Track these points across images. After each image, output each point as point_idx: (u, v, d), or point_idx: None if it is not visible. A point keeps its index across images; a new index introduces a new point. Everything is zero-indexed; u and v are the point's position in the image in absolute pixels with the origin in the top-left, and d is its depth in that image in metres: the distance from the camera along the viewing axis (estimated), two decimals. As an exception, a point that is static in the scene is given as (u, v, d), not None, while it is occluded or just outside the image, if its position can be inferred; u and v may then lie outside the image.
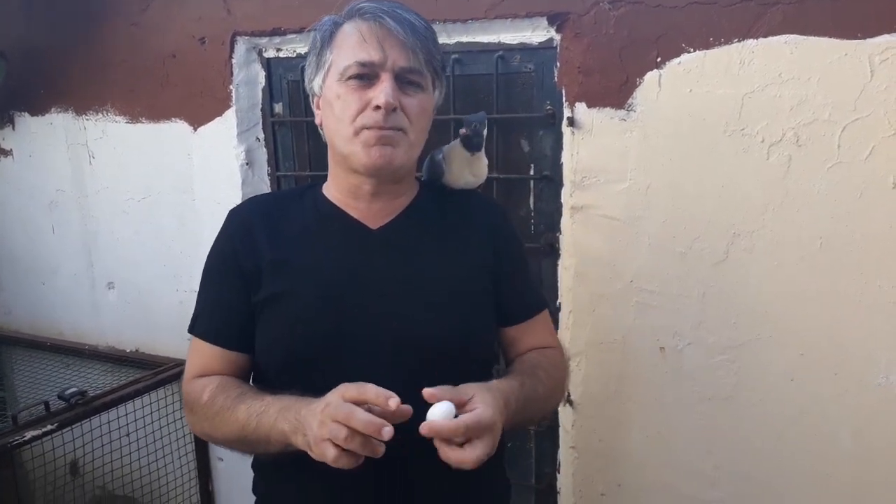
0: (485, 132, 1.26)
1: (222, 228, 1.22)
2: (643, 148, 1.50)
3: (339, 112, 1.09)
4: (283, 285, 1.12)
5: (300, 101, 1.91)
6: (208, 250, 1.99)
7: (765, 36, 1.36)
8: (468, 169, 1.27)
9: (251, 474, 2.12)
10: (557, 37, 1.55)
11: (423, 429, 0.93)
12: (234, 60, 1.90)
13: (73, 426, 1.85)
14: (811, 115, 1.35)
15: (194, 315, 1.22)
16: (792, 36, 1.34)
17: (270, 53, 1.91)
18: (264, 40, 1.88)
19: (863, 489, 1.46)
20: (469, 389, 0.99)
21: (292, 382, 1.10)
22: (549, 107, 1.61)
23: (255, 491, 1.27)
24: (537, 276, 1.71)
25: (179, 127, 2.02)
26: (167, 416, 2.13)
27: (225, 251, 1.19)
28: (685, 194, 1.48)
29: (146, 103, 2.05)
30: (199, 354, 1.19)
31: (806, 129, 1.36)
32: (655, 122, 1.48)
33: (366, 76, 1.08)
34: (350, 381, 1.05)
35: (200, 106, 1.97)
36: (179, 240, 2.11)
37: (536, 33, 1.58)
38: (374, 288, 1.12)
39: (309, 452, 0.96)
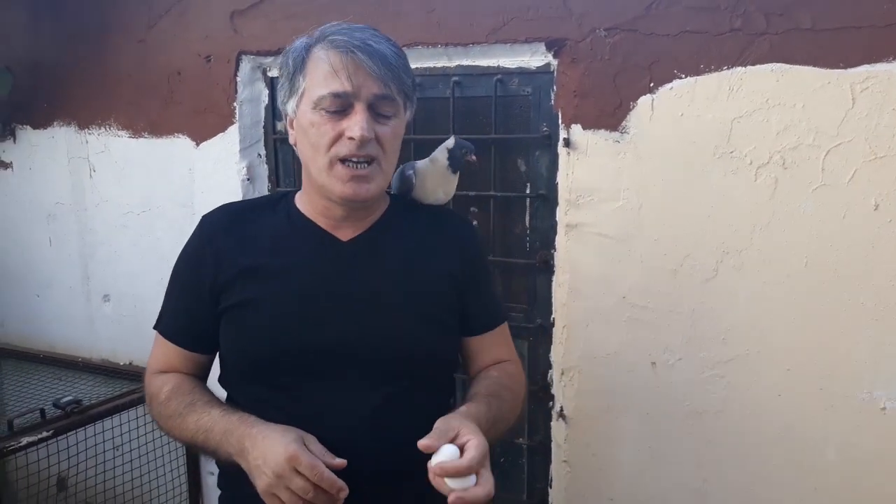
0: None
1: (194, 233, 1.26)
2: (636, 169, 1.56)
3: (314, 140, 1.12)
4: (250, 293, 1.16)
5: (302, 120, 1.95)
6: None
7: (753, 64, 1.43)
8: (442, 187, 1.34)
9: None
10: (555, 62, 1.61)
11: (437, 471, 0.96)
12: (238, 78, 1.95)
13: (68, 434, 1.86)
14: (796, 139, 1.42)
15: (160, 312, 1.29)
16: (778, 64, 1.41)
17: (274, 73, 1.96)
18: (269, 60, 1.93)
19: (848, 501, 1.50)
20: (452, 423, 1.03)
21: (255, 387, 1.17)
22: (545, 128, 1.67)
23: (219, 485, 1.30)
24: (532, 291, 1.76)
25: (182, 142, 2.06)
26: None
27: (193, 257, 1.23)
28: (676, 214, 1.54)
29: (150, 119, 2.09)
30: (162, 351, 1.26)
31: (792, 153, 1.43)
32: (648, 144, 1.54)
33: (340, 106, 1.10)
34: (313, 390, 1.13)
35: (203, 122, 2.01)
36: (177, 253, 2.12)
37: (535, 58, 1.64)
38: (340, 299, 1.16)
39: (251, 478, 1.03)
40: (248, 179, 2.00)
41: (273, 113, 1.99)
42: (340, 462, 1.02)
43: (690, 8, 1.45)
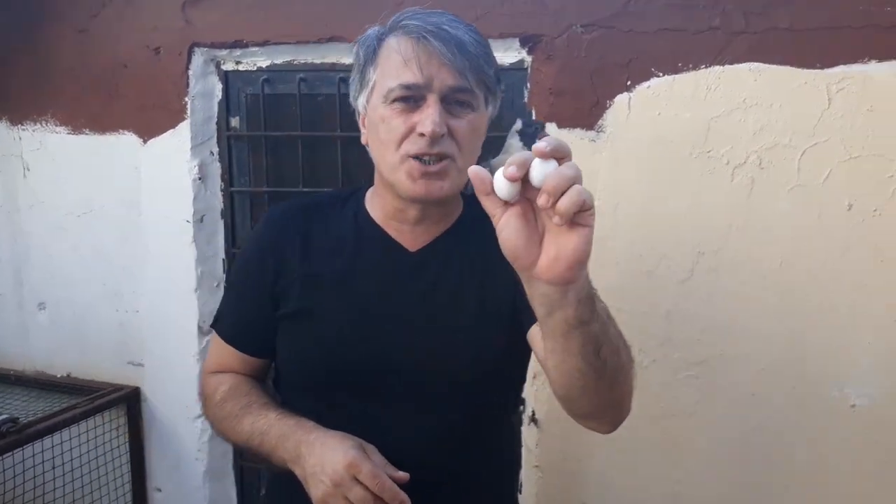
0: None
1: (257, 232, 1.19)
2: (612, 168, 1.53)
3: (385, 136, 1.03)
4: (309, 302, 1.09)
5: (258, 116, 1.86)
6: (156, 266, 1.93)
7: (731, 63, 1.43)
8: None
9: (192, 505, 2.03)
10: (529, 58, 1.58)
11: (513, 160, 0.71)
12: (190, 72, 1.84)
13: (4, 456, 1.71)
14: (773, 139, 1.42)
15: (218, 312, 1.23)
16: (756, 64, 1.41)
17: (229, 66, 1.86)
18: (224, 52, 1.83)
19: (818, 500, 1.51)
20: None
21: (308, 401, 1.11)
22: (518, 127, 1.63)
23: (270, 493, 1.26)
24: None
25: (127, 139, 1.93)
26: (102, 445, 2.00)
27: (254, 259, 1.16)
28: (652, 214, 1.52)
29: (92, 114, 1.95)
30: (219, 351, 1.20)
31: (768, 153, 1.43)
32: (624, 143, 1.52)
33: (411, 98, 1.01)
34: (367, 411, 1.07)
35: (152, 118, 1.89)
36: (122, 257, 2.01)
37: (508, 54, 1.60)
38: (403, 312, 1.09)
39: (305, 487, 0.98)
40: (200, 178, 1.89)
41: (227, 109, 1.89)
42: (403, 475, 0.95)
43: (669, 5, 1.44)
